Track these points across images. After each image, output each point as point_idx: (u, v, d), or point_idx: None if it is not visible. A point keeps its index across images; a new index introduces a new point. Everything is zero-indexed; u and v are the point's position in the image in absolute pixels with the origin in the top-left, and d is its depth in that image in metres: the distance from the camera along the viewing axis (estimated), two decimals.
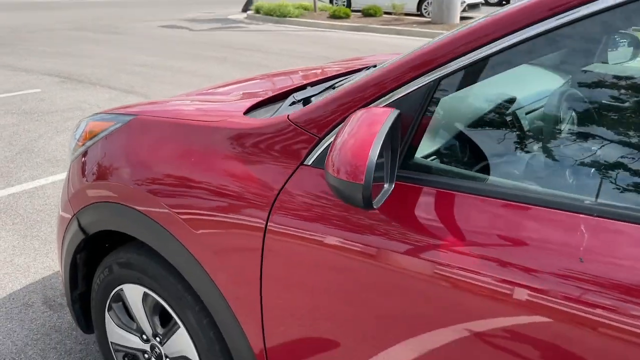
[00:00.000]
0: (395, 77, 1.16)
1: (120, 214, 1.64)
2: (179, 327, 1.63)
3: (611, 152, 1.04)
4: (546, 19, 1.00)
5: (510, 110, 1.29)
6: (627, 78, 1.26)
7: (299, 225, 1.24)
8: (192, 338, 1.60)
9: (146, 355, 1.82)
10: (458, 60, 1.09)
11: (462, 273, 1.02)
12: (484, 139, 1.20)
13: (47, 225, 3.33)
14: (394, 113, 1.05)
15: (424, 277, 1.06)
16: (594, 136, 1.12)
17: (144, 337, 1.80)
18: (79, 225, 1.80)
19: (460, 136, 1.23)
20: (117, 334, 1.88)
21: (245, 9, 16.56)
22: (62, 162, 4.36)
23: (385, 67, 1.21)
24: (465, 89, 1.13)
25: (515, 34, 1.03)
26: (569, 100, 1.25)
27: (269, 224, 1.30)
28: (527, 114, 1.33)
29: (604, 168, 1.03)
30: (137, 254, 1.68)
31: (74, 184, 1.83)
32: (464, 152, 1.23)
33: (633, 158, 1.01)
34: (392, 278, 1.10)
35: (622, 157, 1.02)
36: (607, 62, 1.92)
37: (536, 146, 1.20)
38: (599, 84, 1.20)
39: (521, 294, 0.96)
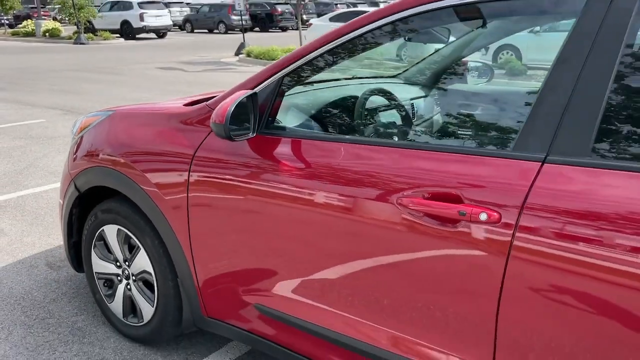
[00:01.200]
0: (262, 75, 2.01)
1: (104, 174, 2.45)
2: (140, 249, 2.42)
3: (365, 114, 1.88)
4: (332, 41, 1.85)
5: (325, 95, 2.14)
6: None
7: (207, 171, 2.05)
8: (148, 255, 2.39)
9: (119, 278, 2.61)
10: (294, 64, 1.93)
11: (301, 190, 1.81)
12: (314, 111, 2.04)
13: (49, 216, 4.13)
14: (249, 92, 1.89)
15: (278, 194, 1.87)
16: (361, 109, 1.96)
17: (117, 263, 2.59)
18: (75, 186, 2.62)
19: (300, 109, 2.07)
20: (99, 265, 2.66)
21: (237, 53, 17.71)
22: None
23: (261, 70, 2.05)
24: (299, 82, 1.97)
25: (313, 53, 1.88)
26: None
27: (190, 173, 2.12)
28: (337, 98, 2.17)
29: (359, 122, 1.87)
30: (114, 202, 2.49)
31: (72, 160, 2.66)
32: (302, 118, 2.07)
33: (377, 115, 1.85)
34: (265, 200, 1.91)
35: (371, 117, 1.86)
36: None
37: (337, 112, 2.04)
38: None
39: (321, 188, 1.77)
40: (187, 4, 36.24)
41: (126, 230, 2.47)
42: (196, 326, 2.37)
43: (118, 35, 26.85)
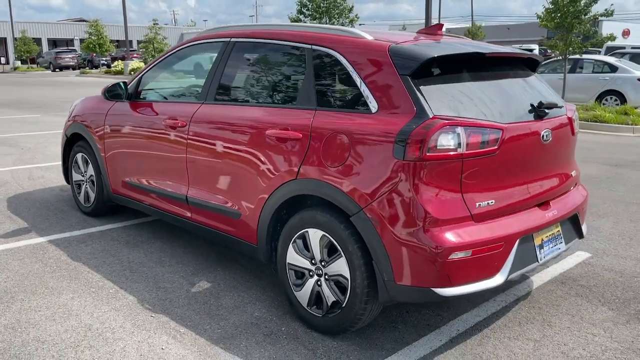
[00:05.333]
0: (135, 76, 4.44)
1: (77, 126, 4.96)
2: (90, 164, 4.88)
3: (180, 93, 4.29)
4: (168, 54, 4.27)
5: (162, 80, 4.53)
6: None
7: (111, 124, 4.49)
8: (92, 167, 4.83)
9: (83, 182, 5.06)
10: (150, 65, 4.35)
11: (145, 124, 4.17)
12: (161, 92, 4.44)
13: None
14: (123, 81, 4.32)
15: (136, 127, 4.25)
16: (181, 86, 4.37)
17: (82, 175, 5.05)
18: (65, 134, 5.15)
19: (148, 86, 4.47)
20: (75, 176, 5.14)
21: None
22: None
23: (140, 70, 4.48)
24: (153, 74, 4.39)
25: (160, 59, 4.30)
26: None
27: (105, 122, 4.57)
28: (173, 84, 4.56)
29: (176, 95, 4.27)
30: (81, 142, 4.99)
31: (66, 122, 5.20)
32: (159, 92, 4.46)
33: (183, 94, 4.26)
34: (131, 131, 4.31)
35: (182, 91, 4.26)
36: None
37: (168, 92, 4.43)
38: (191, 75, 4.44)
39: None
40: None
41: (86, 156, 4.95)
42: (110, 200, 4.77)
43: None
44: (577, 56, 14.38)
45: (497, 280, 2.71)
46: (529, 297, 3.55)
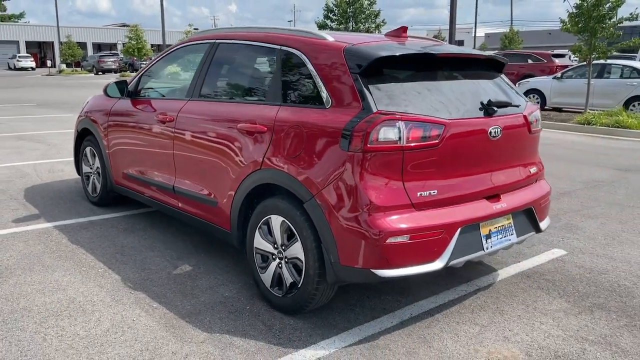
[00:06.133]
0: (135, 75, 4.78)
1: (87, 122, 5.34)
2: (96, 157, 5.25)
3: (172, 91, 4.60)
4: (170, 50, 4.59)
5: (159, 79, 4.86)
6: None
7: (114, 120, 4.84)
8: (98, 159, 5.20)
9: (91, 174, 5.43)
10: (149, 65, 4.69)
11: (143, 119, 4.51)
12: (157, 90, 4.77)
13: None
14: (122, 79, 4.66)
15: (134, 121, 4.59)
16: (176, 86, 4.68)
17: (90, 167, 5.43)
18: (76, 130, 5.54)
19: (147, 85, 4.81)
20: (85, 168, 5.52)
21: None
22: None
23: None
24: (151, 73, 4.72)
25: (160, 57, 4.62)
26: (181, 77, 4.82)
27: (109, 118, 4.93)
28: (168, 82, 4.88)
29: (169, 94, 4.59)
30: (90, 136, 5.36)
31: (78, 117, 5.59)
32: (156, 89, 4.79)
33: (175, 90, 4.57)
34: (131, 125, 4.66)
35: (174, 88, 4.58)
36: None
37: (163, 90, 4.75)
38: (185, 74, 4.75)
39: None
40: None
41: (93, 149, 5.32)
42: (112, 190, 5.12)
43: None
44: (602, 61, 14.20)
45: (437, 265, 2.89)
46: (490, 287, 3.70)
